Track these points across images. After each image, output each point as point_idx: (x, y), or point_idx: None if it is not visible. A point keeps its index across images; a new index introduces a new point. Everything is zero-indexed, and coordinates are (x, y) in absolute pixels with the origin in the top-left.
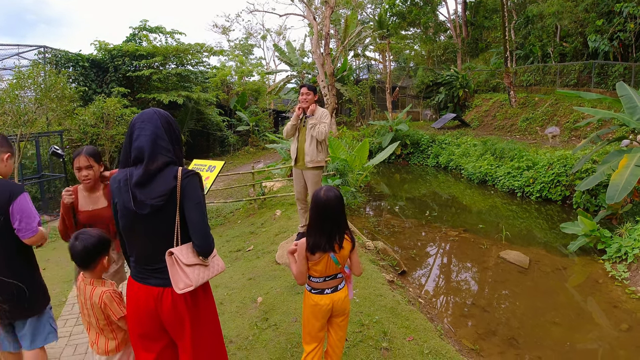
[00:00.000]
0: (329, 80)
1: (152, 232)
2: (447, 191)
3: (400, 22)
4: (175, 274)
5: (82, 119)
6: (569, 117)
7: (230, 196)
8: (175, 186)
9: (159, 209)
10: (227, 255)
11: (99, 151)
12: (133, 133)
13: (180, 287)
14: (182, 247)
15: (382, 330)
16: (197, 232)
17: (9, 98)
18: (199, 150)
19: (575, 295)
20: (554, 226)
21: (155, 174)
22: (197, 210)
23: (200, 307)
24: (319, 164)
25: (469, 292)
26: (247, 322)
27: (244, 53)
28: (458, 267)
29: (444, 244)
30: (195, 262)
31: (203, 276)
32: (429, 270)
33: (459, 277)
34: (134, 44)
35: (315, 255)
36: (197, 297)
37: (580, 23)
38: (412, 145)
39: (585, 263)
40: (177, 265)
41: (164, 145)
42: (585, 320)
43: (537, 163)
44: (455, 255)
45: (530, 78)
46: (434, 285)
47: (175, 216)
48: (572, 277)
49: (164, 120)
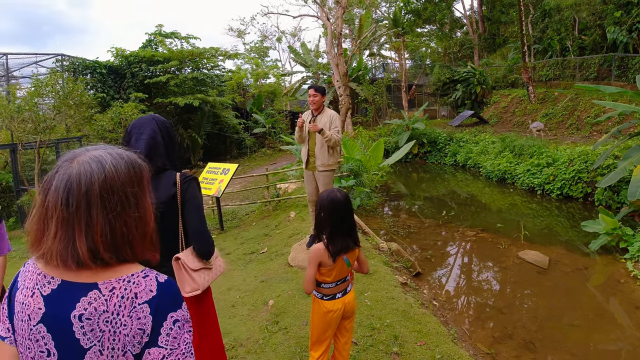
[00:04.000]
0: (343, 80)
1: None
2: (465, 190)
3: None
4: (182, 278)
5: (101, 125)
6: (589, 111)
7: (246, 198)
8: (176, 192)
9: (160, 215)
10: (241, 258)
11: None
12: (130, 138)
13: (187, 291)
14: (186, 252)
15: (393, 335)
16: (198, 235)
17: (28, 105)
18: (216, 153)
19: (595, 296)
20: (574, 224)
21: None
22: (196, 213)
23: (202, 308)
24: (330, 167)
25: (485, 293)
26: (258, 326)
27: (259, 55)
28: (475, 267)
29: (461, 244)
30: (200, 266)
31: (208, 279)
32: (445, 271)
33: (476, 278)
34: (150, 49)
35: (334, 260)
36: (200, 298)
37: (599, 15)
38: (429, 143)
39: (606, 262)
40: (183, 270)
41: (161, 151)
42: (606, 322)
43: (557, 160)
44: (472, 256)
45: (549, 72)
46: (449, 287)
47: (177, 222)
48: (593, 277)
49: (162, 126)
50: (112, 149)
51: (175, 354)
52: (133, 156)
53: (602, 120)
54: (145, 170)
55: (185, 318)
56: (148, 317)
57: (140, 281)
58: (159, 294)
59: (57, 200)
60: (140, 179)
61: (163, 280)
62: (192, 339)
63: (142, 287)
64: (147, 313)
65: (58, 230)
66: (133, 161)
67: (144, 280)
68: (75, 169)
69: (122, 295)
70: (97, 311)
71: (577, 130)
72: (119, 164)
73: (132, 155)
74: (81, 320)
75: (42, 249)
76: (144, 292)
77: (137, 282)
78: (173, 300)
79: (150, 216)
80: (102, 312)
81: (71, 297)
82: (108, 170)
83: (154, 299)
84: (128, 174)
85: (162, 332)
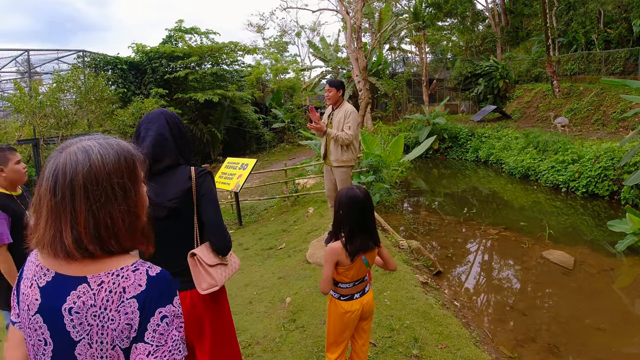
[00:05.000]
0: (362, 75)
1: (168, 235)
2: (487, 186)
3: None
4: (199, 275)
5: (122, 120)
6: (615, 107)
7: (265, 193)
8: (191, 187)
9: (176, 210)
10: (259, 254)
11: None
12: (140, 134)
13: (204, 288)
14: (202, 247)
15: (413, 336)
16: (215, 230)
17: (49, 101)
18: (236, 148)
19: (622, 299)
20: (600, 223)
21: (165, 174)
22: (213, 208)
23: (219, 306)
24: (344, 164)
25: (507, 294)
26: (275, 323)
27: (278, 50)
28: (497, 267)
29: (482, 242)
30: (217, 262)
31: (225, 275)
32: (466, 270)
33: (498, 278)
34: (170, 45)
35: (352, 260)
36: (215, 296)
37: (625, 8)
38: (450, 139)
39: (633, 263)
40: (200, 266)
41: (170, 147)
42: (632, 326)
43: (582, 156)
44: (494, 255)
45: (574, 67)
46: (471, 287)
47: (192, 217)
48: (619, 278)
49: (171, 121)
50: (104, 139)
51: (162, 350)
52: (126, 146)
53: (629, 116)
54: (139, 161)
55: (175, 314)
56: (136, 312)
57: (130, 275)
58: (147, 288)
59: (47, 190)
60: (131, 170)
61: (154, 274)
62: (182, 335)
63: (130, 281)
64: (135, 308)
65: (48, 219)
66: (125, 151)
67: (133, 274)
68: (62, 159)
69: (111, 289)
70: (86, 305)
71: (603, 126)
72: (107, 153)
73: (124, 145)
74: (71, 313)
75: (36, 237)
76: (132, 286)
77: (126, 276)
78: (163, 295)
79: (141, 209)
80: (90, 306)
81: (63, 290)
82: (94, 160)
83: (142, 293)
84: (116, 164)
85: (149, 328)
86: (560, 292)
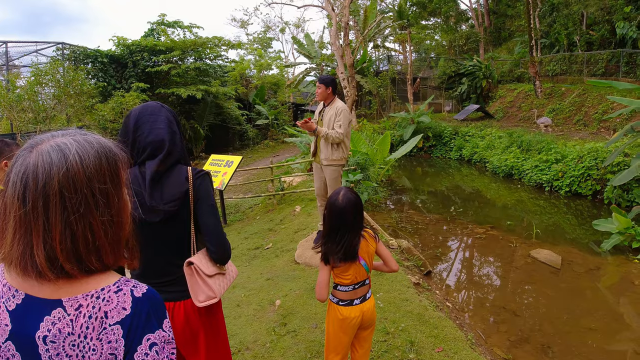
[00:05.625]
0: (349, 72)
1: (163, 241)
2: (471, 185)
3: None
4: (195, 286)
5: (102, 115)
6: (597, 107)
7: (250, 191)
8: (188, 189)
9: (172, 215)
10: (245, 254)
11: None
12: (140, 127)
13: (201, 300)
14: (199, 255)
15: (408, 340)
16: (214, 237)
17: (27, 95)
18: (219, 144)
19: (610, 298)
20: (583, 222)
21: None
22: (211, 213)
23: (213, 317)
24: (334, 162)
25: (498, 294)
26: (265, 327)
27: (262, 46)
28: (486, 267)
29: (470, 241)
30: (215, 271)
31: (224, 286)
32: (456, 270)
33: (488, 278)
34: (152, 38)
35: (341, 263)
36: (211, 307)
37: (608, 10)
38: (434, 137)
39: (619, 263)
40: (197, 276)
41: (178, 142)
42: (622, 325)
43: (566, 156)
44: (483, 254)
45: (556, 67)
46: (462, 287)
47: (189, 222)
48: (607, 278)
49: (172, 115)
50: (82, 135)
51: None
52: (107, 144)
53: (614, 116)
54: (122, 162)
55: (165, 339)
56: (120, 340)
57: (112, 297)
58: (133, 312)
59: (14, 197)
60: (114, 173)
61: (140, 294)
62: None
63: (113, 305)
64: (119, 336)
65: (16, 232)
66: (106, 150)
67: (115, 295)
68: (33, 160)
69: (90, 314)
70: (62, 333)
71: (585, 127)
72: (86, 153)
73: (105, 142)
74: (46, 342)
75: (2, 253)
76: (115, 310)
77: (108, 299)
78: (151, 319)
79: (126, 218)
80: (68, 334)
81: (35, 316)
82: (71, 162)
83: (127, 318)
84: (97, 167)
85: (137, 359)
86: (550, 292)
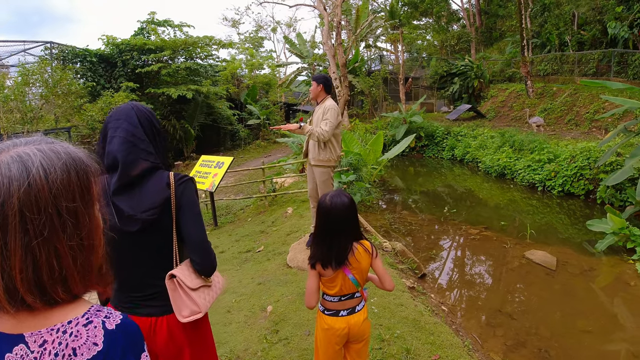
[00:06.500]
0: (341, 72)
1: (142, 252)
2: (463, 185)
3: (412, 12)
4: (179, 300)
5: (90, 115)
6: (589, 107)
7: (241, 192)
8: (169, 195)
9: (152, 223)
10: (237, 257)
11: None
12: (107, 134)
13: (185, 315)
14: (182, 267)
15: (404, 347)
16: (197, 247)
17: (14, 95)
18: (210, 144)
19: (606, 300)
20: (576, 222)
21: (138, 181)
22: (195, 221)
23: (201, 332)
24: (323, 163)
25: (494, 297)
26: (256, 335)
27: (254, 46)
28: (481, 268)
29: (464, 242)
30: (199, 284)
31: (209, 299)
32: (451, 273)
33: (483, 280)
34: (142, 37)
35: (327, 269)
36: (197, 323)
37: (599, 10)
38: (426, 137)
39: (614, 264)
40: (180, 290)
41: (144, 148)
42: (619, 327)
43: (558, 156)
44: (477, 256)
45: (547, 67)
46: (457, 290)
47: (170, 231)
48: (602, 279)
49: (143, 117)
50: (47, 144)
51: None
52: (76, 154)
53: (606, 116)
54: (93, 174)
55: None
56: None
57: (81, 331)
58: (106, 348)
59: None
60: (84, 189)
61: (113, 327)
62: None
63: (82, 340)
64: None
65: None
66: (76, 162)
67: (85, 329)
68: None
69: (57, 351)
70: None
71: (576, 126)
72: (52, 166)
73: (75, 152)
74: None
75: None
76: (85, 347)
77: (76, 333)
78: (126, 355)
79: (98, 240)
80: None
81: None
82: (34, 176)
83: (99, 355)
84: (65, 182)
85: None
86: (545, 294)
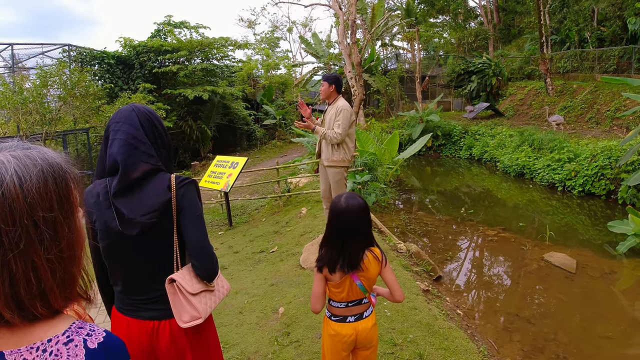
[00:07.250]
0: (357, 71)
1: (143, 255)
2: (481, 185)
3: (429, 9)
4: (179, 305)
5: (108, 116)
6: (609, 105)
7: (256, 192)
8: (170, 198)
9: (152, 227)
10: (250, 257)
11: None
12: (108, 137)
13: (185, 320)
14: (182, 271)
15: (417, 353)
16: (199, 252)
17: (32, 97)
18: (226, 145)
19: (627, 304)
20: (597, 223)
21: (138, 184)
22: (196, 225)
23: (203, 336)
24: (336, 164)
25: (511, 301)
26: (267, 337)
27: (270, 46)
28: (498, 271)
29: (481, 244)
30: (200, 288)
31: (211, 304)
32: (467, 275)
33: (500, 283)
34: (158, 39)
35: (335, 274)
36: (199, 328)
37: (619, 6)
38: (443, 136)
39: (635, 266)
40: (180, 294)
41: (144, 150)
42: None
43: (579, 155)
44: (494, 258)
45: (567, 64)
46: (473, 293)
47: (171, 234)
48: (623, 282)
49: (144, 119)
50: (23, 150)
51: None
52: (54, 160)
53: (628, 114)
54: (73, 181)
55: None
56: None
57: (61, 350)
58: None
59: None
60: (63, 197)
61: (95, 345)
62: None
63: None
64: None
65: None
66: (54, 169)
67: (65, 348)
68: None
69: None
70: None
71: (597, 125)
72: (27, 174)
73: (52, 158)
74: None
75: None
76: None
77: (57, 352)
78: None
79: (79, 251)
80: None
81: None
82: (8, 185)
83: None
84: (42, 190)
85: None
86: (565, 298)
